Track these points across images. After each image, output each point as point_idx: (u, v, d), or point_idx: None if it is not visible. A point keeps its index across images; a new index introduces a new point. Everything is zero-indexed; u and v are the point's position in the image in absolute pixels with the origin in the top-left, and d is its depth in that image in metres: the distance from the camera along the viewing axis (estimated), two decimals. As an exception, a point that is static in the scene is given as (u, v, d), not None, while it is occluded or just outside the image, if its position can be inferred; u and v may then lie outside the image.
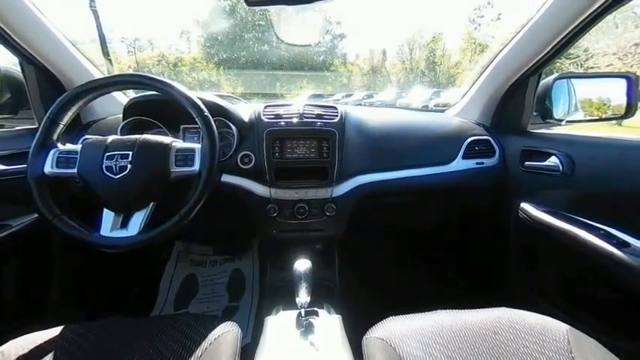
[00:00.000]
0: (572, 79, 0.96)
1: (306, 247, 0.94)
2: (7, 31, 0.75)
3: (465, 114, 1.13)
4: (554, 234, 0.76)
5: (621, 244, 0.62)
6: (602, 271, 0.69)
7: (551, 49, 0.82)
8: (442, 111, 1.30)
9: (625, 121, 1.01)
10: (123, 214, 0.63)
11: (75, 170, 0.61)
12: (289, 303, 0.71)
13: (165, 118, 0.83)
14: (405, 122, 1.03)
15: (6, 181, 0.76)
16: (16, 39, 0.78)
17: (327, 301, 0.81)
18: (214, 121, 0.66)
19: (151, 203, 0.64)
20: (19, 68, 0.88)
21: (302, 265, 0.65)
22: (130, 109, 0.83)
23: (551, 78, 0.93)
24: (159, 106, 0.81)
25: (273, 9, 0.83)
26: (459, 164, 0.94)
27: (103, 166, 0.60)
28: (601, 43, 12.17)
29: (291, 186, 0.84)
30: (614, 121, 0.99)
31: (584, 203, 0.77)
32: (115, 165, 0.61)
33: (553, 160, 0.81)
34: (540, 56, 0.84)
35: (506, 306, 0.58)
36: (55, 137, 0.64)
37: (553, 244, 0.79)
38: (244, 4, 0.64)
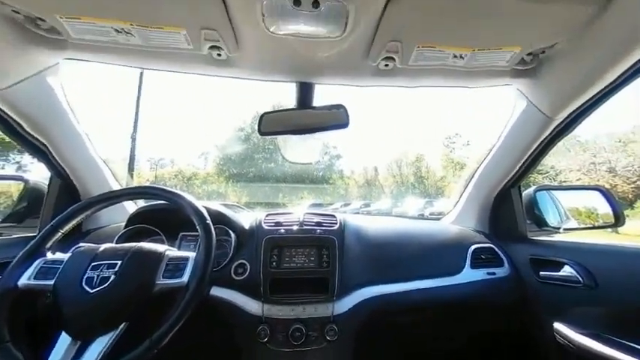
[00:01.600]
0: (551, 191, 1.04)
1: None
2: (51, 149, 0.88)
3: (462, 221, 1.15)
4: None
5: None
6: None
7: (520, 167, 0.94)
8: (438, 219, 1.33)
9: (620, 229, 1.03)
10: (81, 341, 0.52)
11: (51, 282, 0.56)
12: None
13: (167, 225, 0.84)
14: (405, 229, 1.04)
15: None
16: (56, 156, 0.89)
17: None
18: (215, 228, 0.67)
19: (122, 324, 0.55)
20: (47, 181, 0.97)
21: None
22: (134, 218, 0.86)
23: (531, 190, 1.02)
24: (163, 215, 0.83)
25: (281, 137, 1.01)
26: (468, 274, 0.88)
27: (84, 277, 0.56)
28: (562, 162, 14.12)
29: (287, 301, 0.75)
30: (609, 229, 1.00)
31: (623, 322, 0.66)
32: (98, 276, 0.56)
33: (568, 270, 0.76)
34: (513, 172, 0.96)
35: None
36: (48, 245, 0.62)
37: None
38: (257, 133, 0.78)
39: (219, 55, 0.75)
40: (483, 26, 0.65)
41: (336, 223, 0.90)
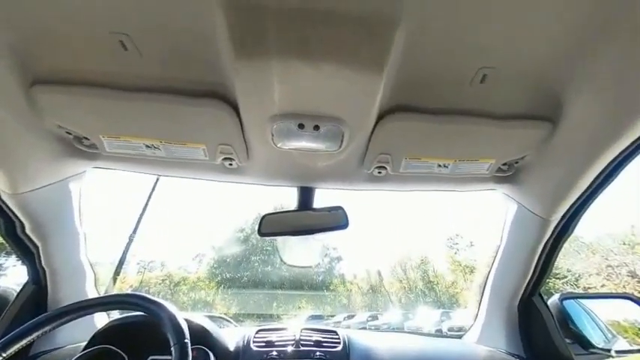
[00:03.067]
0: (579, 300, 0.93)
1: None
2: (41, 251, 0.83)
3: (487, 340, 0.97)
4: None
5: None
6: None
7: (533, 272, 0.88)
8: (459, 336, 1.13)
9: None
10: None
11: None
12: None
13: (136, 345, 0.70)
14: (423, 352, 0.86)
15: None
16: (42, 259, 0.84)
17: None
18: (192, 349, 0.55)
19: None
20: (18, 288, 0.88)
21: None
22: (98, 336, 0.72)
23: (556, 298, 0.91)
24: (133, 332, 0.71)
25: (280, 239, 1.00)
26: None
27: None
28: (577, 266, 13.32)
29: None
30: (670, 351, 0.83)
31: None
32: None
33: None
34: (528, 279, 0.89)
35: None
36: None
37: None
38: (257, 234, 0.78)
39: (230, 164, 0.84)
40: (459, 143, 0.77)
41: (340, 343, 0.75)
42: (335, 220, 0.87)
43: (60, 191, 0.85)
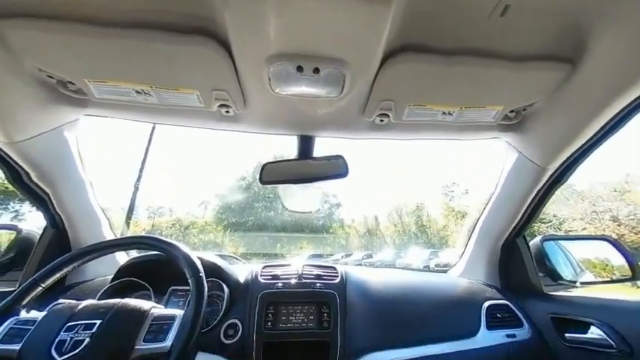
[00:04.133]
0: (558, 241, 1.01)
1: None
2: (52, 198, 0.87)
3: (470, 274, 1.09)
4: None
5: None
6: None
7: (522, 216, 0.93)
8: (444, 271, 1.26)
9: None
10: None
11: (17, 347, 0.50)
12: None
13: (157, 279, 0.79)
14: (410, 283, 0.97)
15: None
16: (56, 205, 0.89)
17: None
18: (208, 282, 0.63)
19: None
20: (40, 231, 0.95)
21: None
22: (122, 270, 0.81)
23: (537, 240, 0.98)
24: (154, 267, 0.79)
25: (281, 186, 1.02)
26: (486, 337, 0.78)
27: (55, 340, 0.50)
28: (564, 211, 14.04)
29: None
30: (628, 283, 0.94)
31: None
32: (71, 339, 0.50)
33: (596, 332, 0.69)
34: (516, 222, 0.94)
35: None
36: (24, 302, 0.57)
37: None
38: (259, 182, 0.80)
39: (227, 112, 0.81)
40: (467, 88, 0.73)
41: (337, 276, 0.84)
42: (335, 168, 0.89)
43: (56, 139, 0.84)
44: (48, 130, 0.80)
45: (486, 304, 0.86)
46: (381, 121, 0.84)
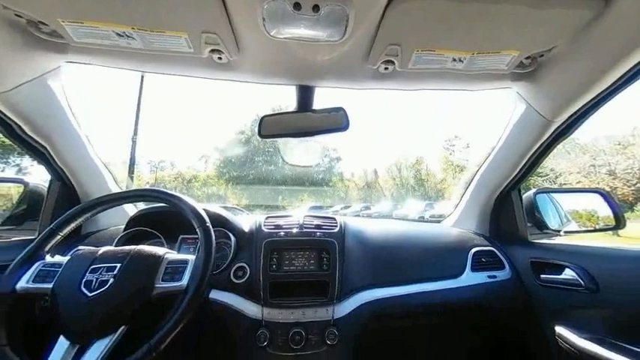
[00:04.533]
0: (551, 194, 1.04)
1: None
2: (51, 151, 0.88)
3: (462, 224, 1.15)
4: None
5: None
6: None
7: (520, 170, 0.94)
8: (438, 221, 1.33)
9: (621, 231, 1.02)
10: (79, 345, 0.52)
11: (50, 286, 0.56)
12: None
13: (166, 228, 0.84)
14: (404, 232, 1.03)
15: None
16: (56, 159, 0.89)
17: None
18: (214, 231, 0.67)
19: (121, 327, 0.54)
20: (47, 184, 0.97)
21: None
22: (133, 220, 0.85)
23: (531, 193, 1.02)
24: (162, 218, 0.83)
25: (281, 140, 1.01)
26: (469, 277, 0.87)
27: (83, 280, 0.56)
28: (562, 165, 14.13)
29: (286, 304, 0.74)
30: (610, 232, 1.00)
31: (625, 325, 0.66)
32: (96, 279, 0.56)
33: (569, 274, 0.76)
34: (513, 175, 0.96)
35: None
36: (47, 248, 0.62)
37: None
38: (258, 136, 0.79)
39: (219, 58, 0.75)
40: (482, 30, 0.66)
41: (336, 226, 0.89)
42: (335, 121, 0.86)
43: (41, 89, 0.80)
44: (30, 79, 0.76)
45: (473, 250, 0.93)
46: (386, 69, 0.78)
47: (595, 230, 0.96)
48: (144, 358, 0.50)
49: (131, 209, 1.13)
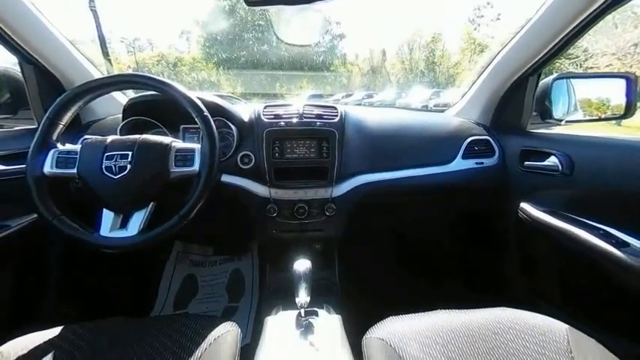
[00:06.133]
0: (571, 79, 0.96)
1: (306, 248, 0.94)
2: (7, 30, 0.76)
3: (465, 114, 1.13)
4: (554, 234, 0.77)
5: (621, 244, 0.62)
6: (602, 272, 0.69)
7: (551, 49, 0.82)
8: (442, 111, 1.30)
9: (624, 121, 1.01)
10: (122, 215, 0.63)
11: (74, 170, 0.61)
12: (289, 303, 0.71)
13: (165, 118, 0.83)
14: (404, 122, 1.03)
15: (5, 182, 0.76)
16: (15, 38, 0.78)
17: (327, 301, 0.81)
18: (214, 121, 0.66)
19: (151, 204, 0.64)
20: (18, 68, 0.88)
21: (301, 265, 0.65)
22: (129, 110, 0.83)
23: (550, 78, 0.93)
24: (158, 106, 0.81)
25: (272, 9, 0.83)
26: (458, 164, 0.94)
27: (103, 166, 0.61)
28: (600, 44, 12.20)
29: (290, 186, 0.84)
30: (613, 121, 0.99)
31: (583, 203, 0.77)
32: (115, 165, 0.61)
33: (552, 160, 0.81)
34: (540, 56, 0.85)
35: (507, 307, 0.58)
36: (54, 137, 0.64)
37: (553, 244, 0.79)
38: (244, 4, 0.64)
39: None
40: None
41: (337, 116, 0.88)
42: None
43: None
44: None
45: (469, 139, 0.96)
46: None
47: (599, 119, 0.94)
48: (175, 225, 0.61)
49: (120, 98, 1.08)
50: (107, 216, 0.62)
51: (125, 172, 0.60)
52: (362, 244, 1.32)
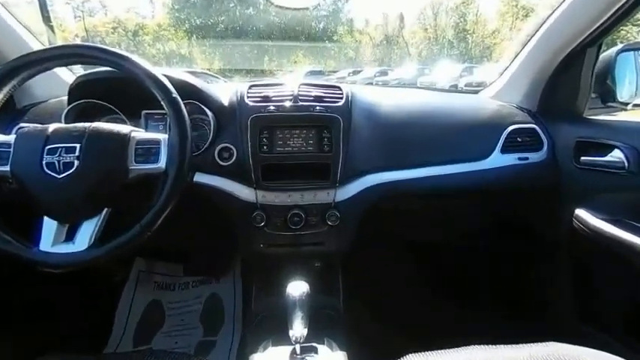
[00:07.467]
0: (640, 52, 0.96)
1: (302, 266, 0.94)
2: None
3: (505, 96, 1.13)
4: (618, 248, 0.77)
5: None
6: None
7: (615, 12, 0.81)
8: (476, 92, 1.30)
9: None
10: (68, 224, 0.63)
11: (7, 168, 0.61)
12: (280, 337, 0.71)
13: (123, 101, 0.83)
14: (429, 106, 1.03)
15: None
16: None
17: (329, 334, 0.81)
18: (185, 105, 0.67)
19: (104, 210, 0.64)
20: None
21: (296, 288, 0.65)
22: (76, 90, 0.83)
23: (613, 50, 0.93)
24: (114, 87, 0.81)
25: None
26: (496, 160, 0.94)
27: (43, 162, 0.61)
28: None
29: (282, 188, 0.84)
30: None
31: None
32: (59, 161, 0.61)
33: (616, 155, 0.81)
34: (600, 22, 0.84)
35: (555, 339, 0.58)
36: None
37: (616, 261, 0.79)
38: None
39: None
40: None
41: (342, 98, 0.88)
42: None
43: None
44: None
45: (510, 127, 0.96)
46: None
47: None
48: (136, 238, 0.62)
49: (67, 75, 1.08)
50: (49, 226, 0.62)
51: (71, 170, 0.60)
52: (373, 261, 1.32)
